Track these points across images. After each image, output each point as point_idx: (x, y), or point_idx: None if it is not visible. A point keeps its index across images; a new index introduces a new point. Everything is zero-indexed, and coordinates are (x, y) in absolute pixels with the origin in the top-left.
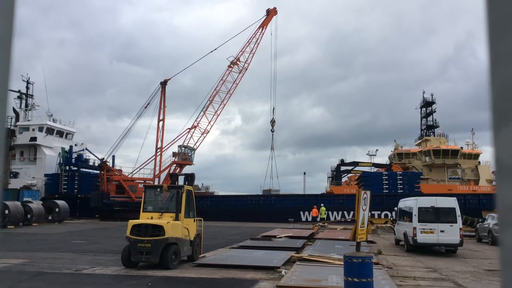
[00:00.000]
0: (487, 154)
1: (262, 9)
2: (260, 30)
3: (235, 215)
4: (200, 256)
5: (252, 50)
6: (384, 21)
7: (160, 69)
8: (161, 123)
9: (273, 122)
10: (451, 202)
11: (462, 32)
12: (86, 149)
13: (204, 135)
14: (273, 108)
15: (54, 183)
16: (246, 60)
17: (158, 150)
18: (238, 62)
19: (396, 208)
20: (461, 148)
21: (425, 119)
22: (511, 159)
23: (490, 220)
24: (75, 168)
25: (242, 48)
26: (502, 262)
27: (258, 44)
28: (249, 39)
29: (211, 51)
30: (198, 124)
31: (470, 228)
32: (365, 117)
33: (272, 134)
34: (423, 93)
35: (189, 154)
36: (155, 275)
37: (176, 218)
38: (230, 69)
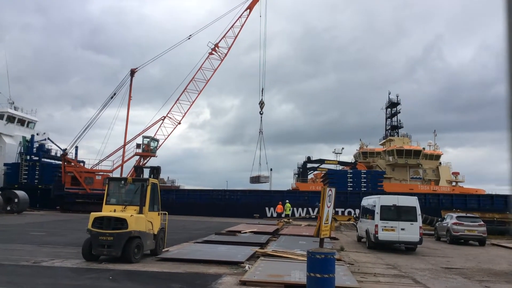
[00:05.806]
0: (447, 156)
1: (235, 0)
2: (247, 12)
3: (201, 209)
4: (163, 250)
5: (235, 35)
6: (356, 20)
7: (128, 59)
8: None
9: (262, 103)
10: (412, 201)
11: (432, 35)
12: (48, 138)
13: (175, 125)
14: (262, 89)
15: (14, 173)
16: (229, 46)
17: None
18: (217, 48)
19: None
20: (423, 149)
21: (390, 119)
22: None
23: (449, 220)
24: (36, 158)
25: (225, 33)
26: None
27: (242, 27)
28: (234, 23)
29: (189, 37)
30: (169, 114)
31: (430, 226)
32: (333, 115)
33: (261, 117)
34: (389, 94)
35: (152, 146)
36: (117, 269)
37: (140, 212)
38: (210, 55)
